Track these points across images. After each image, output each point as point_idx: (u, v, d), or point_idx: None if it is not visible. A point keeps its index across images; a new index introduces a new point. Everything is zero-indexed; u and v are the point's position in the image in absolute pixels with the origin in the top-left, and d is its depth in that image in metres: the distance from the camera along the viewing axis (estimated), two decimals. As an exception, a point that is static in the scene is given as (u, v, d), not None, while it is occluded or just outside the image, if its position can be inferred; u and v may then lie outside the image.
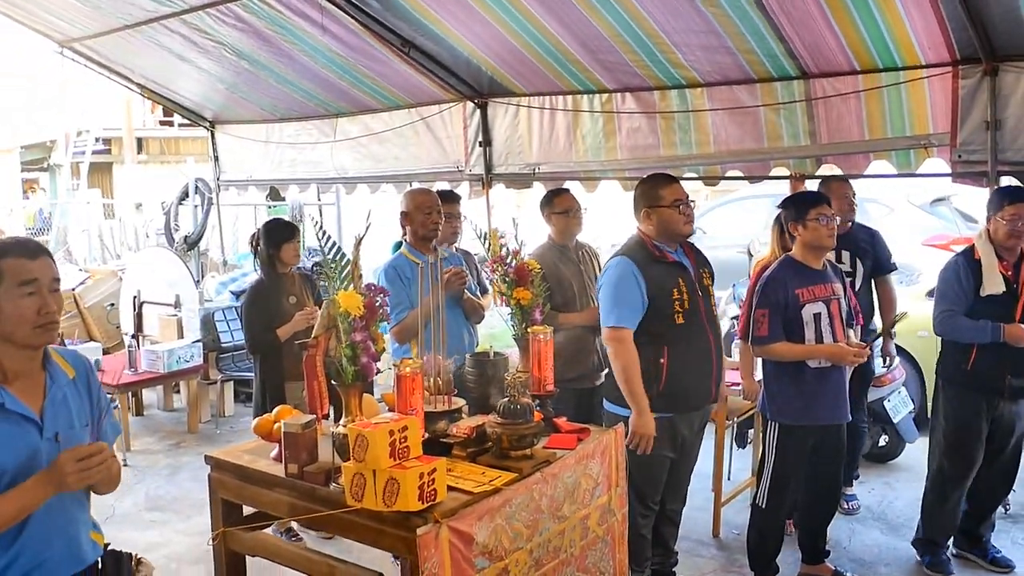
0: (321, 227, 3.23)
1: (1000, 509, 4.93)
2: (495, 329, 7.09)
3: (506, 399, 3.11)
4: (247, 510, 3.29)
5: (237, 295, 8.17)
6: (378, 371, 3.03)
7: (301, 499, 2.94)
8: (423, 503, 2.60)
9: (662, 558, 4.26)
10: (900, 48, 4.56)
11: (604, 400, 4.11)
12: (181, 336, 7.93)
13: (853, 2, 4.23)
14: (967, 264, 4.26)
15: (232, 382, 7.96)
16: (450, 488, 2.76)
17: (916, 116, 4.72)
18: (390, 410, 3.13)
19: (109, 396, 6.40)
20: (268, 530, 3.39)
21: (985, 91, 4.50)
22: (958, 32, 4.31)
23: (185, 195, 10.33)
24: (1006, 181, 4.62)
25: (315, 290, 5.14)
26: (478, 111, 6.23)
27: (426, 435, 2.99)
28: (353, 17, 5.34)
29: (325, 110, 7.03)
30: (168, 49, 6.56)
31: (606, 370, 4.26)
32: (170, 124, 20.30)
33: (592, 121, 5.77)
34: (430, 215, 4.43)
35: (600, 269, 4.40)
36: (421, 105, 6.49)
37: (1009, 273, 4.21)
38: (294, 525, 4.60)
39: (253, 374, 5.14)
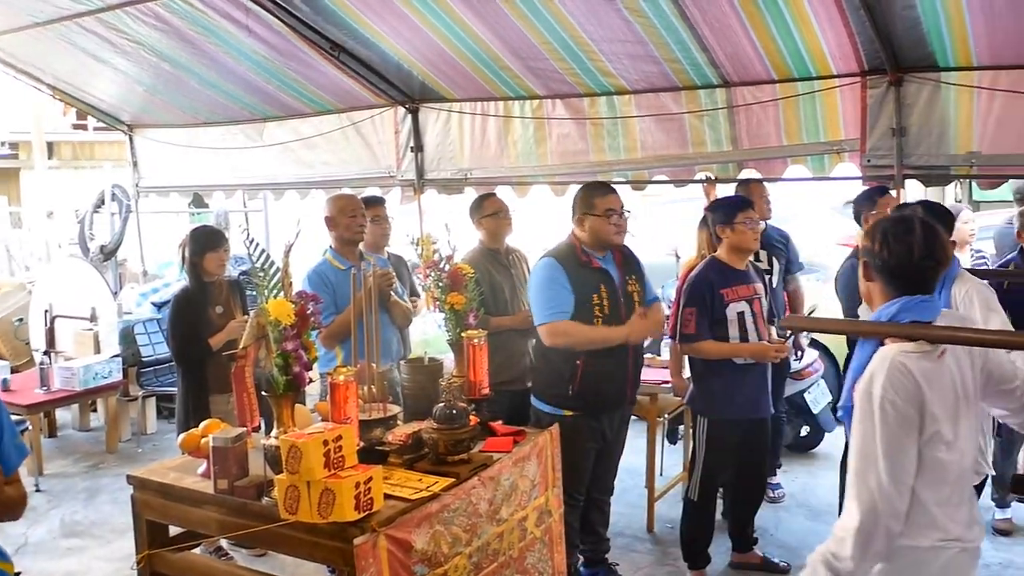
0: (248, 234, 3.19)
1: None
2: (429, 335, 7.10)
3: (442, 404, 3.15)
4: (173, 531, 3.22)
5: (159, 306, 7.89)
6: (309, 380, 3.02)
7: (232, 515, 2.89)
8: (360, 512, 2.60)
9: (594, 545, 4.39)
10: (814, 59, 4.76)
11: (532, 397, 4.20)
12: (98, 351, 7.54)
13: (771, 15, 4.40)
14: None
15: (154, 398, 7.63)
16: (387, 496, 2.78)
17: (829, 123, 4.94)
18: (323, 420, 3.12)
19: (18, 417, 6.21)
20: (197, 550, 3.34)
21: (891, 100, 4.73)
22: (866, 45, 4.52)
23: (101, 202, 9.85)
24: (911, 184, 4.90)
25: (243, 299, 5.05)
26: (409, 116, 6.23)
27: (361, 444, 3.00)
28: (280, 19, 5.28)
29: (252, 114, 6.94)
30: (83, 49, 6.32)
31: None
32: (84, 128, 18.75)
33: (523, 127, 5.83)
34: (354, 218, 4.44)
35: (530, 272, 4.48)
36: (352, 110, 6.46)
37: None
38: (224, 543, 4.57)
39: (176, 388, 4.98)
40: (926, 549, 2.27)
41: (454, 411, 3.10)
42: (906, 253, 2.35)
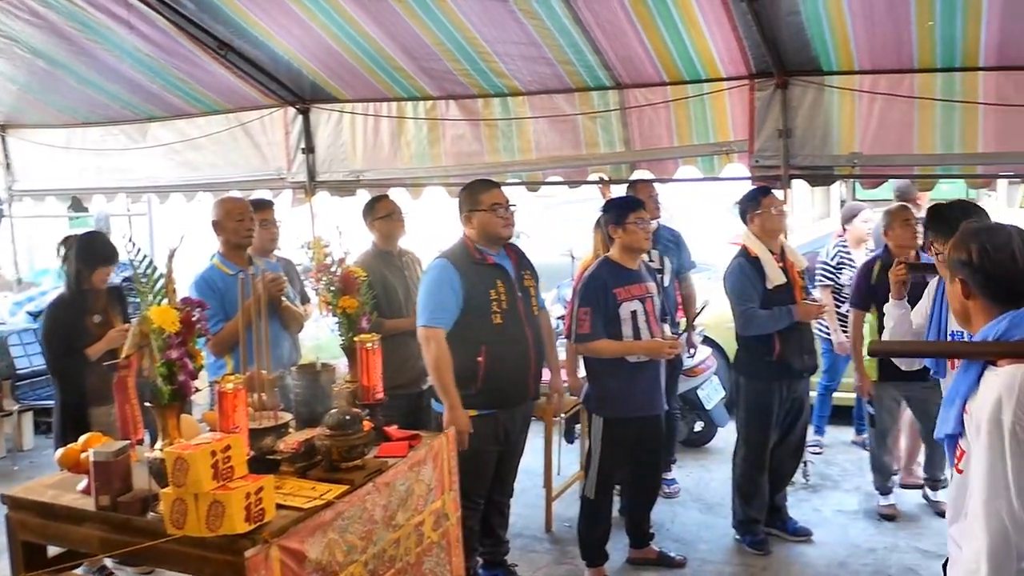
0: (131, 239, 3.07)
1: (801, 479, 5.36)
2: (322, 340, 6.98)
3: (335, 410, 3.09)
4: (53, 551, 3.07)
5: (35, 316, 7.51)
6: (196, 389, 2.92)
7: (115, 532, 2.76)
8: (250, 524, 2.52)
9: (493, 547, 4.40)
10: (703, 62, 4.88)
11: (432, 401, 4.19)
12: (-32, 364, 7.10)
13: (662, 19, 4.48)
14: (748, 263, 4.62)
15: (31, 412, 7.26)
16: (279, 506, 2.71)
17: (718, 125, 5.07)
18: (212, 430, 3.02)
19: None
20: (78, 571, 3.20)
21: (777, 102, 4.90)
22: (753, 49, 4.67)
23: (-32, 207, 9.40)
24: (797, 184, 5.07)
25: (124, 307, 4.85)
26: (300, 117, 6.11)
27: (251, 453, 2.92)
28: (164, 16, 5.10)
29: (134, 114, 6.68)
30: (-53, 45, 6.03)
31: None
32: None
33: (417, 128, 5.79)
34: (242, 222, 4.33)
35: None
36: (240, 110, 6.29)
37: (781, 264, 4.57)
38: (108, 563, 4.38)
39: (54, 401, 4.77)
40: None
41: (347, 417, 3.04)
42: (1009, 262, 2.15)
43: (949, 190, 13.46)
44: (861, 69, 4.77)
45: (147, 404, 2.86)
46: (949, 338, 3.28)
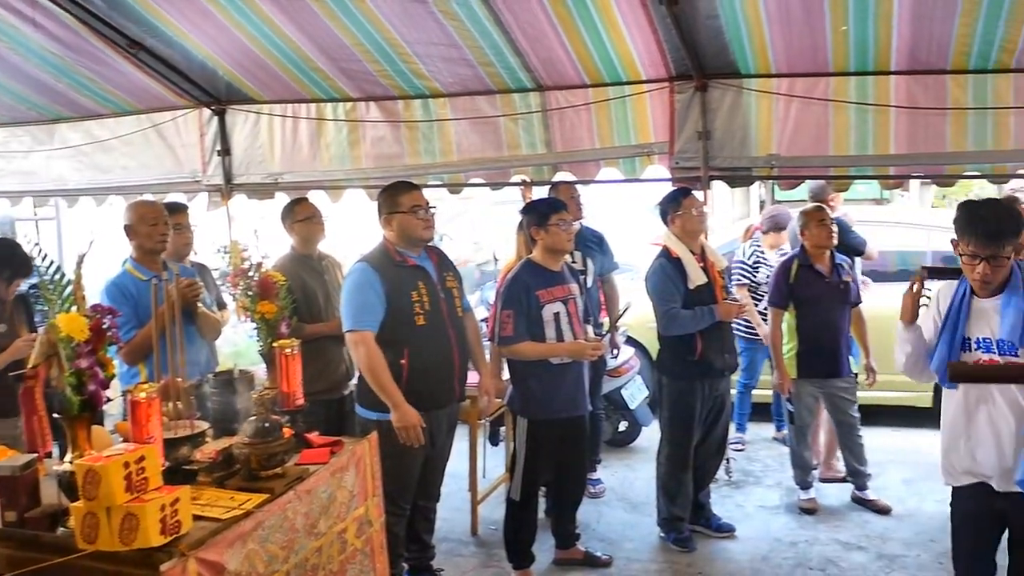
0: (37, 245, 2.97)
1: (724, 476, 5.44)
2: (240, 346, 6.84)
3: (253, 417, 3.02)
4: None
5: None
6: (107, 399, 2.82)
7: (23, 550, 2.63)
8: (166, 536, 2.44)
9: (419, 553, 4.36)
10: (624, 65, 4.91)
11: (356, 405, 4.12)
12: None
13: (582, 22, 4.50)
14: (669, 263, 4.67)
15: None
16: (197, 517, 2.63)
17: (639, 127, 5.11)
18: (124, 440, 2.93)
19: None
20: (-20, 594, 3.06)
21: (697, 105, 4.96)
22: (673, 52, 4.72)
23: None
24: (717, 185, 5.14)
25: (31, 315, 4.67)
26: (216, 118, 5.96)
27: (167, 464, 2.83)
28: (71, 13, 4.92)
29: (40, 115, 6.44)
30: None
31: (355, 377, 4.26)
32: None
33: (336, 130, 5.71)
34: (156, 226, 4.21)
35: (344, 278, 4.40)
36: (152, 111, 6.11)
37: (702, 264, 4.64)
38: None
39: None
40: None
41: (267, 424, 2.98)
42: None
43: (864, 191, 13.89)
44: (778, 72, 4.87)
45: (56, 416, 2.76)
46: (972, 344, 3.13)
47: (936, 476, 5.66)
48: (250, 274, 3.61)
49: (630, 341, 6.57)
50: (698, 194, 4.86)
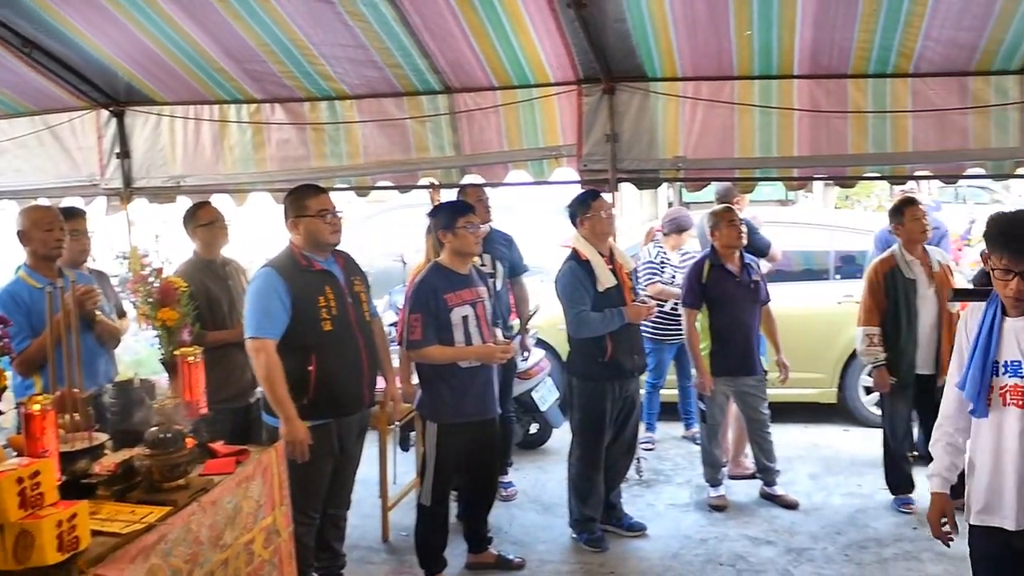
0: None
1: (635, 475, 5.51)
2: (141, 354, 6.65)
3: (154, 428, 2.93)
4: None
5: None
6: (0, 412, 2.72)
7: (-93, 573, 2.55)
8: (63, 554, 2.36)
9: (330, 562, 4.30)
10: (532, 67, 4.94)
11: (262, 413, 4.05)
12: None
13: (491, 25, 4.51)
14: (579, 266, 4.71)
15: None
16: (96, 532, 2.54)
17: (548, 129, 5.16)
18: (19, 455, 2.81)
19: None
20: None
21: (605, 108, 5.03)
22: (581, 55, 4.77)
23: None
24: (625, 187, 5.20)
25: None
26: (114, 120, 5.78)
27: (64, 478, 2.74)
28: (-41, 11, 4.74)
29: (-73, 116, 6.18)
30: None
31: None
32: None
33: (240, 132, 5.61)
34: (50, 232, 4.08)
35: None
36: (47, 112, 5.89)
37: (611, 266, 4.70)
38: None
39: None
40: None
41: (168, 434, 2.90)
42: None
43: (770, 192, 14.28)
44: (684, 76, 4.97)
45: (-59, 431, 2.64)
46: (1001, 368, 2.83)
47: (842, 470, 5.92)
48: (150, 280, 3.53)
49: (540, 343, 6.60)
50: (606, 196, 4.91)
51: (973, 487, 2.96)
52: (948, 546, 3.07)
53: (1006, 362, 2.83)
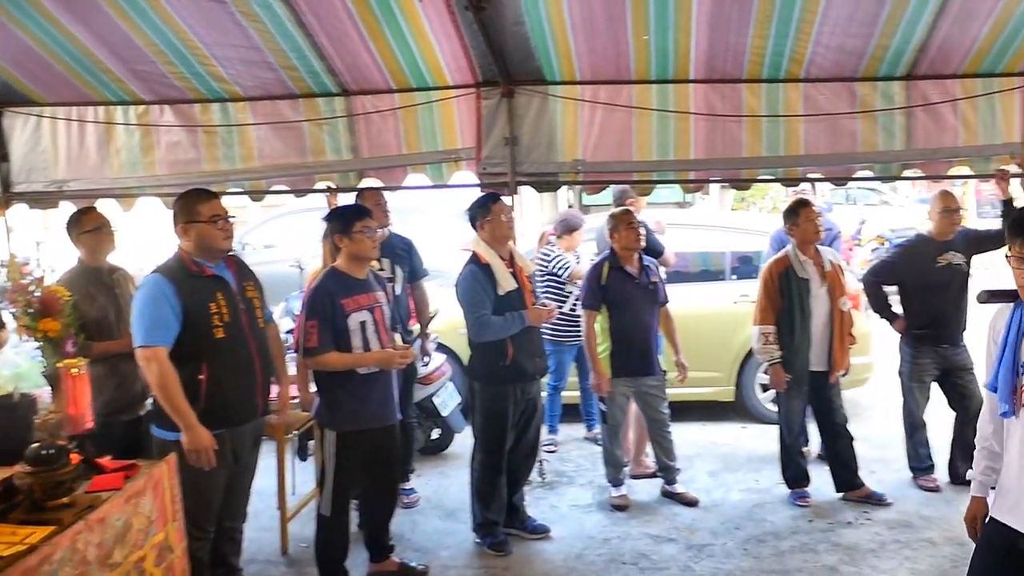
0: None
1: (537, 478, 5.54)
2: (21, 368, 6.35)
3: (36, 444, 2.80)
4: None
5: None
6: None
7: None
8: (-65, 581, 2.24)
9: None
10: (431, 70, 4.93)
11: (151, 426, 3.90)
12: None
13: (388, 27, 4.48)
14: (479, 270, 4.71)
15: None
16: (-29, 557, 2.42)
17: (447, 132, 5.15)
18: None
19: None
20: None
21: (504, 111, 5.05)
22: (480, 58, 4.77)
23: None
24: (525, 190, 5.23)
25: None
26: (-10, 121, 5.54)
27: (-65, 500, 2.59)
28: None
29: None
30: None
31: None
32: None
33: (128, 135, 5.43)
34: None
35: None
36: (-84, 113, 5.61)
37: (511, 270, 4.71)
38: None
39: None
40: None
41: (51, 450, 2.78)
42: None
43: (668, 194, 14.59)
44: (583, 79, 5.02)
45: None
46: (1020, 368, 2.78)
47: (740, 467, 6.05)
48: (31, 290, 3.37)
49: (441, 348, 6.56)
50: (506, 199, 4.92)
51: (998, 484, 2.95)
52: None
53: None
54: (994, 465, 2.98)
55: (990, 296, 3.42)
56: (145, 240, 7.75)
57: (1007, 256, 2.77)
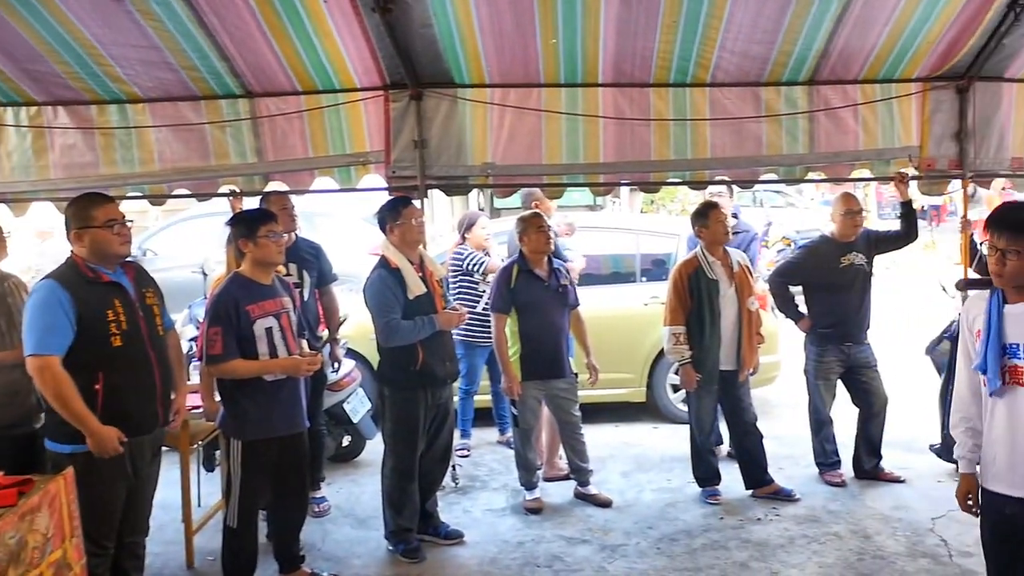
0: None
1: (450, 483, 5.53)
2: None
3: (-81, 462, 2.66)
4: None
5: None
6: None
7: None
8: None
9: None
10: (337, 72, 4.88)
11: (45, 440, 3.76)
12: None
13: (293, 27, 4.42)
14: (388, 274, 4.67)
15: None
16: None
17: (355, 135, 5.11)
18: None
19: None
20: None
21: (412, 114, 5.03)
22: (387, 60, 4.75)
23: None
24: (435, 194, 5.21)
25: None
26: None
27: None
28: None
29: None
30: None
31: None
32: None
33: (19, 137, 5.24)
34: None
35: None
36: None
37: (421, 274, 4.69)
38: None
39: None
40: None
41: (-65, 468, 2.63)
42: None
43: (579, 197, 14.72)
44: (492, 83, 5.03)
45: None
46: (1008, 350, 3.01)
47: (652, 467, 6.12)
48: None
49: (351, 353, 6.48)
50: (416, 203, 4.88)
51: (984, 459, 3.14)
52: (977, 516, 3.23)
53: (1010, 345, 3.03)
54: (980, 443, 3.18)
55: (968, 284, 3.62)
56: (38, 247, 7.49)
57: (984, 243, 3.10)
